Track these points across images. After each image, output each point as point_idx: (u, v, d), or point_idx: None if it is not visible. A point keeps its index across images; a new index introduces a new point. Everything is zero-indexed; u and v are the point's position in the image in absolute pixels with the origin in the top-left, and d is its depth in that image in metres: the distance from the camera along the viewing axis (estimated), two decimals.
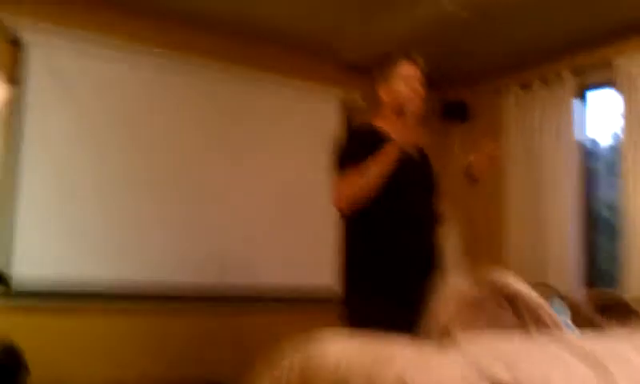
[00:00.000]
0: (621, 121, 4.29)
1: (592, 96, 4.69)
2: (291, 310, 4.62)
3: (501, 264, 4.72)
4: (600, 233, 4.66)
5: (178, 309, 4.35)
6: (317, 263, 4.70)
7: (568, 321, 3.11)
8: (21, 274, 3.87)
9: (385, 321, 2.44)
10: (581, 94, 4.68)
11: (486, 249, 5.10)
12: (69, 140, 4.08)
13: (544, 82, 4.77)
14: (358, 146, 2.69)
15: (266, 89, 4.81)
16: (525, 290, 0.99)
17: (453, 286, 1.05)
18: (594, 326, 2.10)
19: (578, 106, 4.65)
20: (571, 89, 4.59)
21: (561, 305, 3.59)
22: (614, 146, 4.58)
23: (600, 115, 4.71)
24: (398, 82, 2.77)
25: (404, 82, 2.76)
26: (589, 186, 4.68)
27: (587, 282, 4.47)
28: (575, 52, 4.58)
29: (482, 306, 1.00)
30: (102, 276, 4.10)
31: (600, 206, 4.69)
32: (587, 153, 4.71)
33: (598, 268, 4.60)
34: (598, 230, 4.66)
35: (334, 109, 5.07)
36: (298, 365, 0.74)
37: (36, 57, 4.01)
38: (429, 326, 1.03)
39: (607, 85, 4.47)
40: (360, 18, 4.36)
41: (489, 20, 4.20)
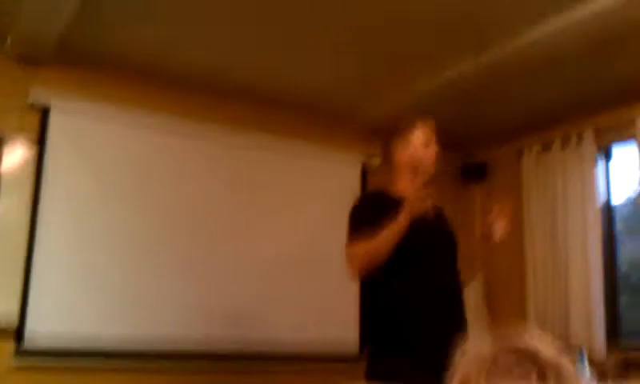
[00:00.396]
0: None
1: (614, 153, 4.66)
2: (308, 369, 4.55)
3: (523, 322, 4.64)
4: (622, 290, 4.59)
5: (193, 368, 4.30)
6: (335, 323, 4.67)
7: (591, 377, 3.03)
8: (34, 331, 3.86)
9: (406, 377, 2.41)
10: (602, 152, 4.66)
11: (508, 309, 5.02)
12: (87, 199, 4.13)
13: (565, 142, 4.76)
14: (370, 210, 2.74)
15: (286, 154, 4.86)
16: (547, 348, 0.96)
17: (474, 345, 1.02)
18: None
19: (599, 164, 4.63)
20: (592, 148, 4.57)
21: (584, 363, 3.51)
22: (635, 201, 4.53)
23: (621, 172, 4.67)
24: (415, 148, 2.85)
25: (420, 146, 2.85)
26: (611, 243, 4.62)
27: (610, 339, 4.37)
28: (596, 111, 4.57)
29: (504, 369, 0.97)
30: (116, 332, 4.09)
31: (622, 263, 4.63)
32: (609, 211, 4.66)
33: (621, 325, 4.51)
34: (621, 287, 4.59)
35: (354, 172, 5.10)
36: None
37: (57, 120, 4.12)
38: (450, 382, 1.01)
39: (629, 142, 4.44)
40: (381, 82, 4.40)
41: (508, 80, 4.22)
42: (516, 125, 5.05)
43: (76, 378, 3.96)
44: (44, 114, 4.09)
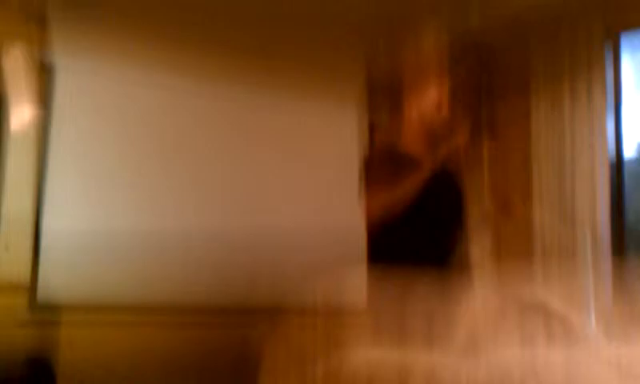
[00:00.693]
0: None
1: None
2: (318, 320, 4.59)
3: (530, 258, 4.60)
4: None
5: (210, 322, 4.36)
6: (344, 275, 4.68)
7: (598, 329, 3.04)
8: (47, 286, 3.91)
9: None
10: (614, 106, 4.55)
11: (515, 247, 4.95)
12: (94, 160, 4.15)
13: (574, 93, 4.66)
14: (384, 164, 2.68)
15: (289, 110, 4.82)
16: (554, 301, 0.97)
17: (480, 295, 1.03)
18: None
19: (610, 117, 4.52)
20: (604, 101, 4.48)
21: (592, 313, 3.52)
22: None
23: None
24: (427, 105, 2.72)
25: (433, 104, 2.72)
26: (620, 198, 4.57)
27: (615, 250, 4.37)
28: None
29: (511, 318, 0.97)
30: (131, 289, 4.13)
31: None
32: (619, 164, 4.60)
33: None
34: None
35: (357, 126, 5.06)
36: (321, 375, 0.73)
37: (64, 79, 4.09)
38: (458, 338, 1.01)
39: None
40: (383, 34, 4.35)
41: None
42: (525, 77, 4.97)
43: (90, 332, 4.03)
44: (50, 72, 4.07)
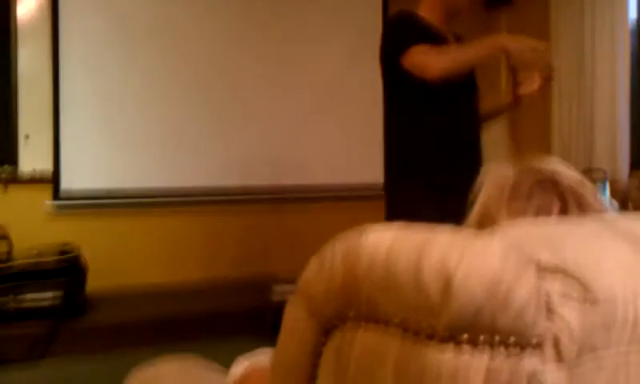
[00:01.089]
0: None
1: None
2: (341, 206, 4.67)
3: (547, 151, 4.66)
4: None
5: (232, 209, 4.44)
6: (363, 158, 4.72)
7: (613, 203, 3.07)
8: (70, 179, 3.98)
9: (431, 209, 2.46)
10: None
11: (531, 136, 5.02)
12: (107, 44, 4.10)
13: None
14: (419, 27, 2.62)
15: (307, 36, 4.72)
16: (569, 172, 0.98)
17: (496, 172, 1.04)
18: None
19: None
20: None
21: (606, 189, 3.55)
22: None
23: None
24: None
25: None
26: None
27: (634, 166, 4.39)
28: None
29: (525, 191, 0.99)
30: (150, 183, 4.20)
31: None
32: (639, 34, 4.52)
33: None
34: None
35: (375, 2, 4.94)
36: (340, 250, 0.75)
37: None
38: (472, 213, 1.03)
39: None
40: None
41: None
42: None
43: (113, 222, 4.12)
44: None
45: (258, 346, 1.34)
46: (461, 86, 2.68)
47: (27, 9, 3.97)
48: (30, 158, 3.95)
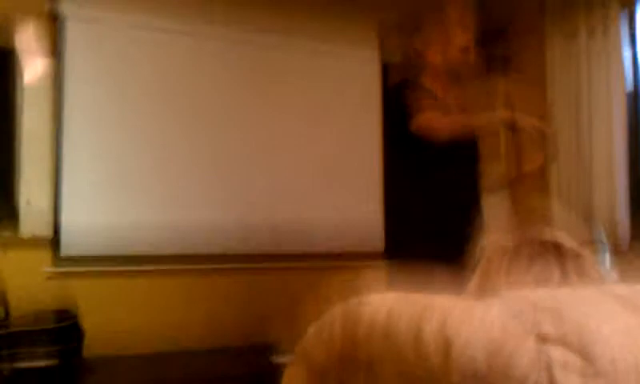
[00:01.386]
0: None
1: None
2: (339, 268, 4.64)
3: (546, 218, 4.66)
4: None
5: (232, 274, 4.42)
6: (363, 223, 4.73)
7: (613, 271, 3.06)
8: (69, 239, 3.97)
9: (432, 277, 2.45)
10: (630, 40, 4.53)
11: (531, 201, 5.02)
12: (110, 110, 4.14)
13: (591, 30, 4.62)
14: (424, 94, 2.65)
15: (306, 52, 4.78)
16: (569, 240, 0.98)
17: (497, 239, 1.04)
18: None
19: (626, 52, 4.50)
20: (620, 35, 4.44)
21: (605, 249, 3.53)
22: None
23: None
24: (454, 49, 2.66)
25: (460, 49, 2.66)
26: (636, 128, 4.55)
27: (634, 226, 4.37)
28: None
29: (526, 258, 0.99)
30: (150, 237, 4.19)
31: None
32: (635, 96, 4.56)
33: None
34: None
35: (373, 68, 5.02)
36: (339, 318, 0.75)
37: (74, 28, 4.07)
38: (473, 279, 1.03)
39: None
40: None
41: None
42: (540, 12, 4.90)
43: (112, 286, 4.10)
44: (60, 22, 4.06)
45: None
46: (464, 154, 2.70)
47: (33, 73, 4.03)
48: (31, 223, 3.95)
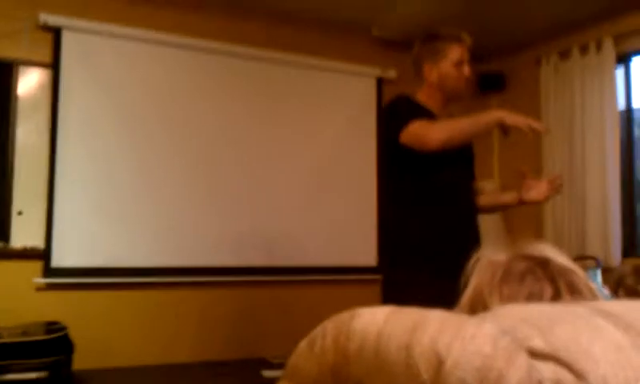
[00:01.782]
0: None
1: (634, 63, 4.58)
2: (335, 283, 4.65)
3: (540, 236, 4.68)
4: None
5: (224, 289, 4.41)
6: (356, 238, 4.74)
7: (604, 288, 3.07)
8: (61, 253, 3.95)
9: (425, 294, 2.45)
10: (622, 61, 4.57)
11: (524, 220, 5.05)
12: (104, 120, 4.15)
13: (584, 50, 4.67)
14: (417, 109, 2.68)
15: (301, 70, 4.81)
16: (561, 258, 0.98)
17: (489, 257, 1.04)
18: (638, 295, 2.07)
19: (619, 73, 4.55)
20: (612, 56, 4.48)
21: (598, 274, 3.54)
22: None
23: None
24: (450, 66, 2.71)
25: (456, 66, 2.70)
26: (629, 153, 4.59)
27: (627, 250, 4.40)
28: (616, 17, 4.46)
29: (517, 275, 0.99)
30: (143, 258, 4.18)
31: None
32: (629, 121, 4.61)
33: (639, 237, 4.52)
34: (639, 197, 4.57)
35: (369, 85, 5.05)
36: (331, 332, 0.75)
37: (70, 40, 4.09)
38: (464, 296, 1.03)
39: None
40: None
41: None
42: (533, 32, 4.95)
43: (103, 299, 4.08)
44: (56, 35, 4.07)
45: None
46: (458, 169, 2.72)
47: (28, 85, 4.03)
48: (22, 234, 3.94)
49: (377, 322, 0.71)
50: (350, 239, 4.78)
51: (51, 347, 3.51)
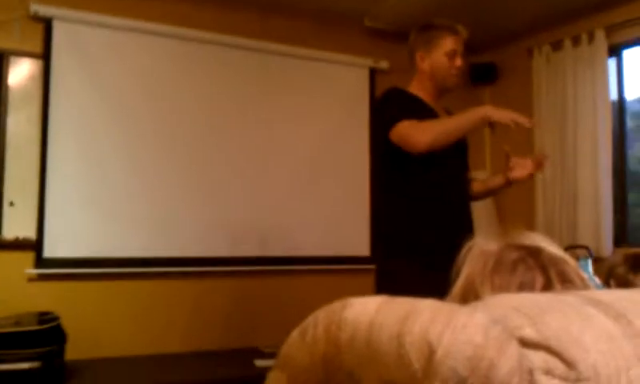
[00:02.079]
0: None
1: (626, 54, 4.58)
2: (328, 274, 4.65)
3: (531, 226, 4.69)
4: (632, 190, 4.59)
5: (216, 279, 4.41)
6: (349, 229, 4.75)
7: (595, 278, 3.08)
8: (53, 244, 3.94)
9: (418, 285, 2.45)
10: (614, 52, 4.58)
11: (516, 211, 5.06)
12: (95, 111, 4.13)
13: (576, 41, 4.67)
14: (409, 102, 2.69)
15: (293, 60, 4.79)
16: (552, 248, 0.98)
17: (480, 246, 1.04)
18: (629, 284, 2.08)
19: (611, 64, 4.56)
20: (604, 47, 4.48)
21: (589, 264, 3.55)
22: None
23: (633, 70, 4.60)
24: (442, 56, 2.71)
25: (448, 56, 2.71)
26: (621, 144, 4.60)
27: (618, 240, 4.42)
28: (608, 8, 4.46)
29: (508, 265, 0.99)
30: (134, 249, 4.17)
31: (632, 163, 4.61)
32: (621, 111, 4.62)
33: (630, 227, 4.54)
34: (630, 187, 4.59)
35: (362, 76, 5.05)
36: (322, 321, 0.75)
37: (61, 31, 4.06)
38: (456, 286, 1.03)
39: None
40: None
41: None
42: (526, 23, 4.95)
43: (95, 290, 4.08)
44: (47, 25, 4.04)
45: None
46: (451, 160, 2.72)
47: (19, 76, 4.01)
48: (14, 225, 3.92)
49: (368, 311, 0.71)
50: (343, 229, 4.78)
51: (44, 338, 3.50)
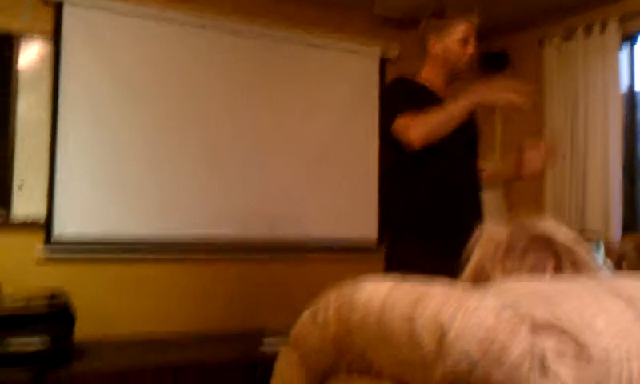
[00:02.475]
0: None
1: (639, 41, 4.54)
2: (335, 259, 4.66)
3: (540, 212, 4.68)
4: None
5: (225, 261, 4.43)
6: (358, 213, 4.77)
7: (605, 262, 3.07)
8: (63, 225, 3.96)
9: (426, 269, 2.45)
10: (627, 40, 4.54)
11: (526, 198, 5.05)
12: (105, 94, 4.13)
13: (588, 30, 4.63)
14: (412, 92, 2.67)
15: (304, 48, 4.77)
16: (563, 231, 0.98)
17: (491, 230, 1.04)
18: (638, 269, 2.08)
19: (623, 54, 4.52)
20: (616, 37, 4.45)
21: (600, 251, 3.54)
22: None
23: None
24: (454, 41, 2.68)
25: (459, 42, 2.68)
26: (632, 135, 4.58)
27: (627, 229, 4.40)
28: None
29: (519, 250, 0.99)
30: (144, 230, 4.19)
31: None
32: (631, 99, 4.59)
33: (638, 215, 4.53)
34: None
35: (371, 63, 5.03)
36: (334, 303, 0.75)
37: (71, 13, 4.05)
38: (467, 269, 1.03)
39: None
40: None
41: None
42: (538, 12, 4.90)
43: (107, 267, 4.10)
44: (57, 8, 4.04)
45: None
46: (460, 149, 2.70)
47: (29, 58, 4.02)
48: (24, 204, 3.94)
49: (380, 293, 0.71)
50: (352, 215, 4.79)
51: (53, 319, 3.51)
